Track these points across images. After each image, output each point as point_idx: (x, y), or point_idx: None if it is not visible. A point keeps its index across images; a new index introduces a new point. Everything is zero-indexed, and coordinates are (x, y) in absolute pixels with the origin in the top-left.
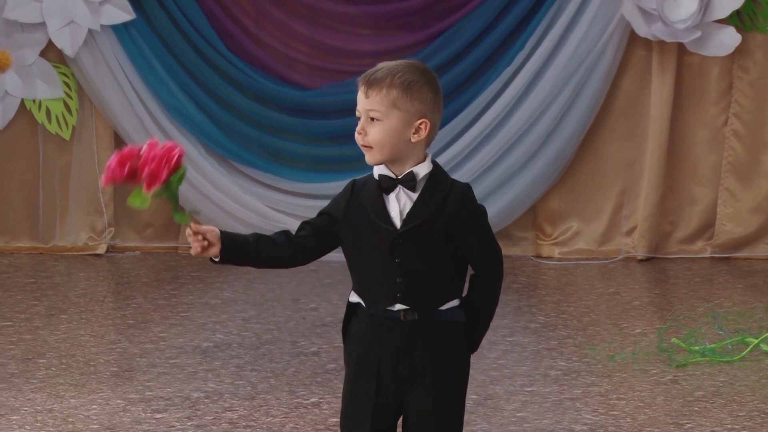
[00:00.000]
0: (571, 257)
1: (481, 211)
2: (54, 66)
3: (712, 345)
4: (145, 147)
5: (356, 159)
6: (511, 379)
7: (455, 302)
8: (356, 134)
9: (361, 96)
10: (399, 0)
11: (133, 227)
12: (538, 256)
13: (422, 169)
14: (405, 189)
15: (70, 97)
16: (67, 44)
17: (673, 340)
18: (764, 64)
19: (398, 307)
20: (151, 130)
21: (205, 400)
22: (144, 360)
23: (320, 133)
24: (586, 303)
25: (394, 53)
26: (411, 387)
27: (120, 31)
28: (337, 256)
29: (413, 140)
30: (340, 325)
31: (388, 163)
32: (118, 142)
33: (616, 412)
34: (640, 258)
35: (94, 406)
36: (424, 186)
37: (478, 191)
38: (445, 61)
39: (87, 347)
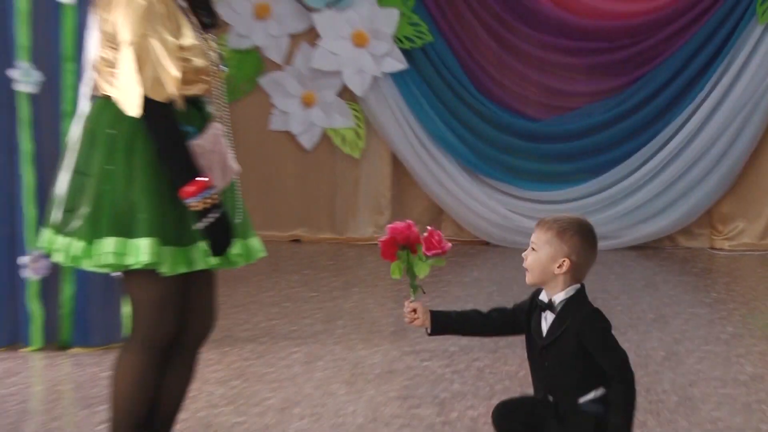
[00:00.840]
0: (738, 249)
1: (602, 329)
2: (347, 103)
3: None
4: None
5: (576, 173)
6: (690, 341)
7: (596, 393)
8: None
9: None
10: (607, 53)
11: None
12: (712, 248)
13: (559, 297)
14: (549, 311)
15: (360, 127)
16: (357, 87)
17: None
18: None
19: (549, 397)
20: (420, 152)
21: (459, 353)
22: None
23: (548, 154)
24: (749, 284)
25: (603, 93)
26: None
27: (397, 77)
28: None
29: (556, 272)
30: None
31: (540, 285)
32: (395, 161)
33: None
34: None
35: (377, 356)
36: (559, 310)
37: (666, 199)
38: (642, 100)
39: (373, 312)
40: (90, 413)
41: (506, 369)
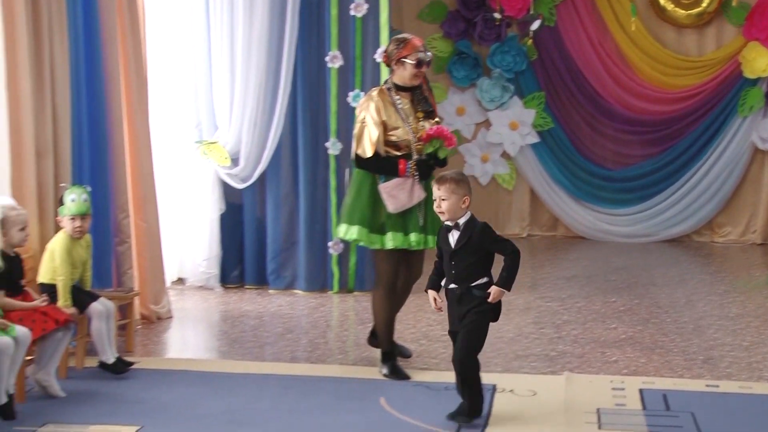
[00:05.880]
0: (727, 243)
1: (491, 231)
2: (506, 160)
3: None
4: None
5: (633, 198)
6: (709, 318)
7: (483, 279)
8: (435, 207)
9: (435, 189)
10: (651, 133)
11: None
12: (712, 242)
13: (462, 220)
14: (455, 230)
15: (513, 172)
16: (512, 151)
17: None
18: None
19: (452, 285)
20: (545, 187)
21: (567, 298)
22: None
23: (618, 188)
24: (734, 262)
25: (649, 155)
26: (460, 321)
27: (533, 146)
28: None
29: (462, 207)
30: None
31: (453, 219)
32: (532, 191)
33: None
34: None
35: (520, 299)
36: (462, 228)
37: (685, 213)
38: (671, 159)
39: (519, 273)
40: (363, 327)
41: (593, 308)
